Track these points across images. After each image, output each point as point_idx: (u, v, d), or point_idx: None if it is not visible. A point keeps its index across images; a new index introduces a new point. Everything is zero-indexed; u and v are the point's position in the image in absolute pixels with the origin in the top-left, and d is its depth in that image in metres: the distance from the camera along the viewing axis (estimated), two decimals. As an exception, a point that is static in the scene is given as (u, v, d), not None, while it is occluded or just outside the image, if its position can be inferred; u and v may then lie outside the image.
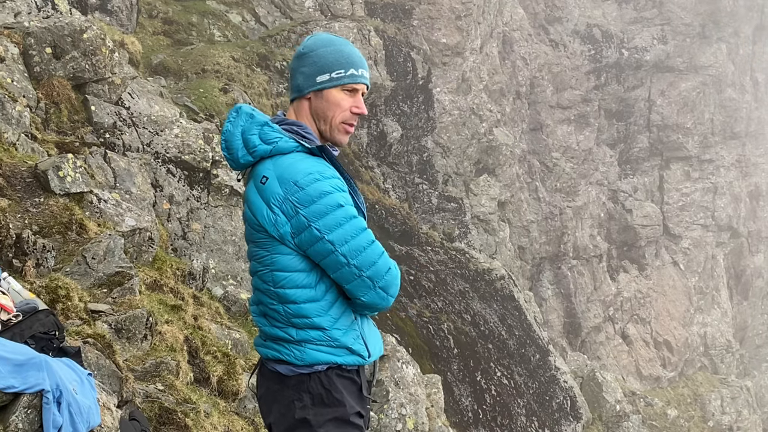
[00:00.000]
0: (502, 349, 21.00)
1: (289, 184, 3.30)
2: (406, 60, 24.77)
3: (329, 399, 3.40)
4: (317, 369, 3.41)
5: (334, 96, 3.48)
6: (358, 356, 3.46)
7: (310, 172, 3.31)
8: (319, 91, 3.49)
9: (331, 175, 3.34)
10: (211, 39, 22.02)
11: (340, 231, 3.29)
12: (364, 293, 3.36)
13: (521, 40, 30.46)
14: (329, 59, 3.48)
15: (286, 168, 3.34)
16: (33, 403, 4.17)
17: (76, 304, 6.87)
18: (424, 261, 21.72)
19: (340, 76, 3.46)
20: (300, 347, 3.42)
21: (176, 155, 14.05)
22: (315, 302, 3.40)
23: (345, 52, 3.50)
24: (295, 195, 3.29)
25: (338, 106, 3.49)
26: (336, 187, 3.32)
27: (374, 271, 3.34)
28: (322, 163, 3.38)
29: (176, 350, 7.89)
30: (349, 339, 3.44)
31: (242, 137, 3.48)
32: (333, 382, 3.41)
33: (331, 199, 3.28)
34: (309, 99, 3.53)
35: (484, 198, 26.88)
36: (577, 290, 30.00)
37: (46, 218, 8.16)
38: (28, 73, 12.13)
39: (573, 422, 21.62)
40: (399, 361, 13.39)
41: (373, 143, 24.42)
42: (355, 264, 3.31)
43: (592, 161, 32.31)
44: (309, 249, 3.34)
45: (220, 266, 13.63)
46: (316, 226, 3.28)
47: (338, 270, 3.34)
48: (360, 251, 3.31)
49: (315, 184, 3.28)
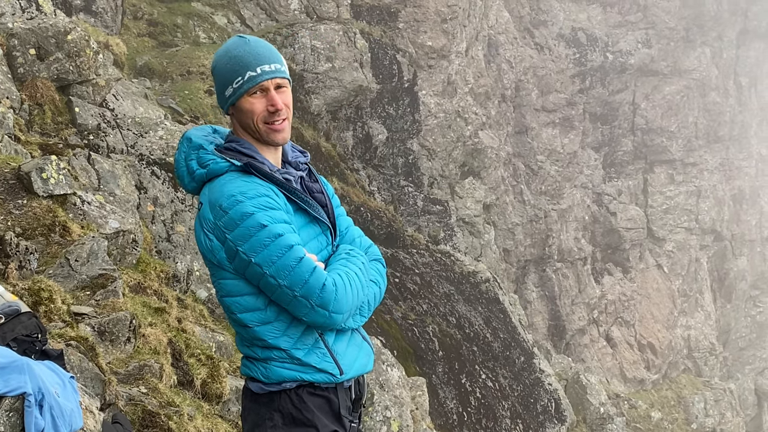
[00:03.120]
0: (487, 351, 21.02)
1: (216, 208, 3.25)
2: (391, 62, 24.78)
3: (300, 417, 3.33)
4: (286, 387, 3.35)
5: (245, 105, 3.40)
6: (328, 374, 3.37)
7: (232, 194, 3.23)
8: (234, 104, 3.42)
9: (255, 194, 3.24)
10: (196, 41, 21.97)
11: (265, 252, 3.19)
12: (303, 313, 3.25)
13: (507, 44, 30.52)
14: (227, 70, 3.39)
15: (215, 192, 3.29)
16: (15, 406, 4.14)
17: (59, 307, 6.84)
18: (409, 263, 21.73)
19: (240, 83, 3.37)
20: (266, 365, 3.36)
21: (161, 157, 14.01)
22: (268, 324, 3.32)
23: (239, 57, 3.38)
24: (222, 219, 3.23)
25: (252, 112, 3.39)
26: (259, 206, 3.21)
27: (306, 289, 3.20)
28: (250, 182, 3.28)
29: (160, 353, 7.86)
30: (313, 358, 3.35)
31: (185, 164, 3.44)
32: (303, 401, 3.34)
33: (253, 221, 3.18)
34: (232, 114, 3.47)
35: (469, 200, 26.92)
36: (561, 293, 30.07)
37: (29, 220, 8.12)
38: (11, 74, 12.07)
39: (557, 425, 21.67)
40: (384, 364, 13.39)
41: (358, 145, 24.42)
42: (286, 284, 3.21)
43: (576, 164, 32.40)
44: (245, 273, 3.26)
45: (204, 269, 13.58)
46: (242, 249, 3.20)
47: (274, 292, 3.25)
48: (288, 271, 3.19)
49: (237, 206, 3.21)
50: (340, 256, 3.47)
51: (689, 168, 35.26)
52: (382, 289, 3.61)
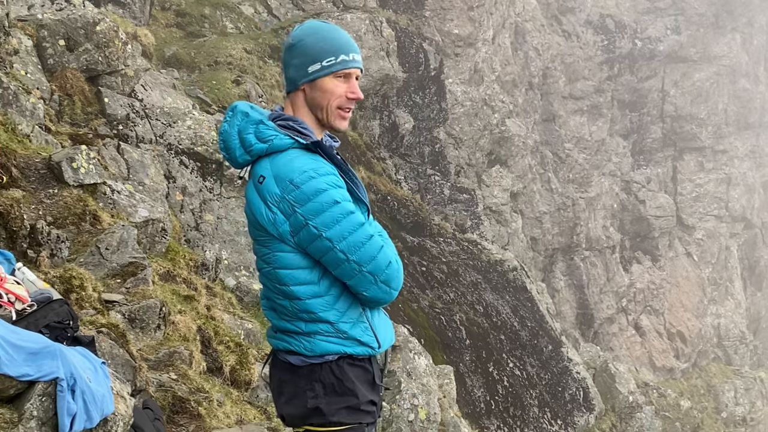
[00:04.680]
0: (515, 340, 21.00)
1: (285, 182, 3.30)
2: (418, 51, 24.73)
3: (341, 388, 3.43)
4: (328, 359, 3.43)
5: (327, 84, 3.46)
6: (368, 347, 3.48)
7: (305, 170, 3.30)
8: (313, 81, 3.48)
9: (326, 171, 3.34)
10: (223, 31, 22.05)
11: (337, 228, 3.29)
12: (366, 288, 3.37)
13: (534, 31, 30.35)
14: (318, 48, 3.45)
15: (282, 166, 3.34)
16: (47, 391, 4.21)
17: (90, 294, 6.93)
18: (436, 252, 21.73)
19: (330, 63, 3.44)
20: (310, 338, 3.44)
21: (189, 147, 14.11)
22: (319, 297, 3.42)
23: (333, 39, 3.47)
24: (292, 194, 3.29)
25: (332, 93, 3.47)
26: (331, 184, 3.31)
27: (374, 265, 3.33)
28: (317, 160, 3.38)
29: (189, 340, 7.95)
30: (357, 331, 3.46)
31: (239, 136, 3.47)
32: (344, 372, 3.44)
33: (327, 196, 3.28)
34: (303, 90, 3.52)
35: (496, 189, 26.85)
36: (589, 281, 29.94)
37: (60, 209, 8.22)
38: (41, 65, 12.20)
39: (586, 413, 21.61)
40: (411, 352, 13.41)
41: (385, 135, 24.42)
42: (355, 260, 3.31)
43: (605, 152, 32.20)
44: (308, 246, 3.34)
45: (233, 257, 13.69)
46: (313, 223, 3.28)
47: (339, 266, 3.34)
48: (358, 247, 3.31)
49: (310, 182, 3.28)
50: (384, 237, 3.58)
51: (719, 155, 34.94)
52: None
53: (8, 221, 7.12)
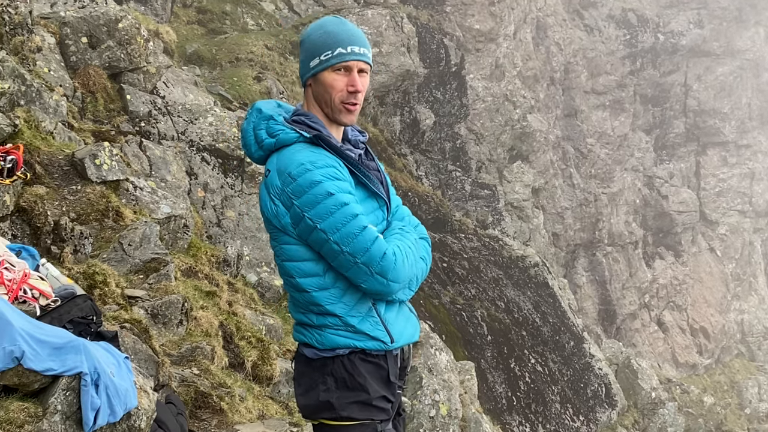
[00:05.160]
0: (536, 336, 20.94)
1: (285, 175, 3.36)
2: (439, 47, 24.69)
3: (352, 383, 3.44)
4: (339, 353, 3.45)
5: (327, 78, 3.49)
6: (380, 342, 3.48)
7: (302, 162, 3.34)
8: (315, 76, 3.52)
9: (324, 164, 3.36)
10: (244, 28, 22.11)
11: (330, 219, 3.30)
12: (363, 280, 3.37)
13: (555, 26, 30.22)
14: (318, 43, 3.49)
15: (284, 160, 3.40)
16: (71, 386, 4.23)
17: (113, 290, 6.97)
18: (457, 248, 21.70)
19: (327, 57, 3.47)
20: (320, 331, 3.47)
21: (210, 143, 14.16)
22: (326, 290, 3.44)
23: (333, 33, 3.50)
24: (290, 186, 3.34)
25: (333, 87, 3.49)
26: (327, 176, 3.33)
27: (368, 257, 3.33)
28: (318, 153, 3.40)
29: (211, 335, 7.98)
30: (366, 326, 3.46)
31: (253, 133, 3.56)
32: (356, 366, 3.45)
33: (321, 188, 3.30)
34: (310, 86, 3.57)
35: (517, 185, 26.77)
36: (612, 277, 29.81)
37: (83, 205, 8.27)
38: (64, 62, 12.28)
39: (608, 409, 21.52)
40: (432, 348, 13.40)
41: (406, 130, 24.40)
42: (348, 251, 3.32)
43: (627, 147, 32.03)
44: (308, 238, 3.38)
45: (254, 253, 13.73)
46: (309, 215, 3.32)
47: (335, 258, 3.36)
48: (351, 238, 3.31)
49: (306, 174, 3.32)
50: (394, 231, 3.59)
51: (743, 150, 34.67)
52: (428, 266, 3.72)
53: (32, 217, 7.18)
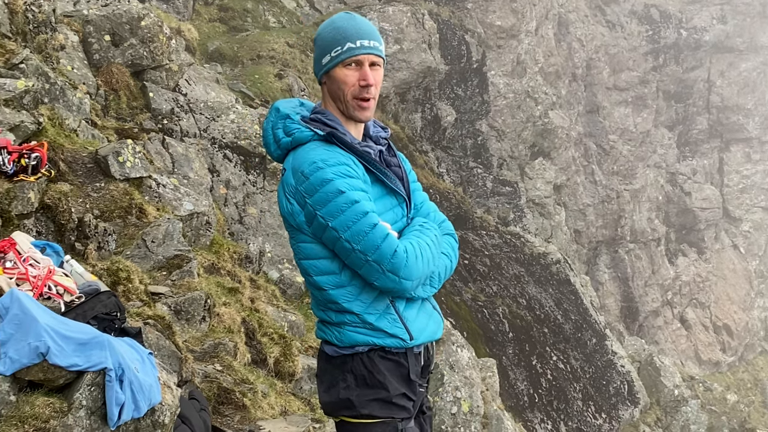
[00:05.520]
0: (558, 333, 20.87)
1: (298, 174, 3.36)
2: (460, 43, 24.64)
3: (372, 380, 3.42)
4: (358, 350, 3.44)
5: (338, 74, 3.48)
6: (399, 339, 3.45)
7: (314, 160, 3.33)
8: (328, 72, 3.51)
9: (336, 162, 3.34)
10: (266, 25, 22.16)
11: (341, 217, 3.29)
12: (375, 278, 3.35)
13: (577, 22, 30.08)
14: (329, 39, 3.49)
15: (298, 159, 3.40)
16: (96, 381, 4.27)
17: (137, 286, 7.01)
18: (478, 245, 21.67)
19: (338, 53, 3.46)
20: (339, 329, 3.46)
21: (232, 141, 14.21)
22: (342, 288, 3.43)
23: (342, 28, 3.49)
24: (303, 185, 3.34)
25: (344, 83, 3.48)
26: (339, 174, 3.32)
27: (378, 254, 3.30)
28: (331, 151, 3.39)
29: (234, 332, 8.02)
30: (384, 323, 3.44)
31: (272, 132, 3.56)
32: (375, 364, 3.43)
33: (332, 186, 3.29)
34: (325, 83, 3.57)
35: (539, 181, 26.68)
36: (634, 274, 29.66)
37: (106, 202, 8.33)
38: (87, 60, 12.36)
39: (630, 407, 21.43)
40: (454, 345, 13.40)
41: (427, 127, 24.38)
42: (359, 249, 3.30)
43: (650, 143, 31.84)
44: (322, 237, 3.38)
45: (276, 250, 13.77)
46: (321, 214, 3.31)
47: (348, 256, 3.35)
48: (362, 236, 3.29)
49: (317, 172, 3.31)
50: (414, 227, 3.56)
51: (766, 146, 34.38)
52: (453, 262, 3.70)
53: (56, 214, 7.24)
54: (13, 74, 8.61)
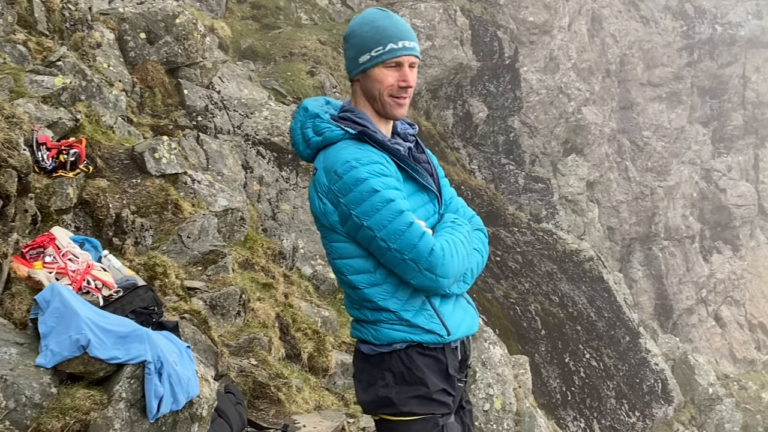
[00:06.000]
0: (591, 330, 20.76)
1: (331, 173, 3.33)
2: (492, 39, 24.56)
3: (410, 377, 3.40)
4: (396, 347, 3.41)
5: (377, 74, 3.45)
6: (436, 335, 3.43)
7: (347, 160, 3.30)
8: (365, 71, 3.47)
9: (369, 160, 3.32)
10: (298, 22, 22.23)
11: (377, 216, 3.27)
12: (411, 276, 3.33)
13: (611, 17, 29.86)
14: (367, 38, 3.44)
15: (330, 158, 3.37)
16: (136, 374, 4.31)
17: (173, 281, 7.07)
18: (510, 242, 21.59)
19: (379, 53, 3.42)
20: (376, 327, 3.44)
21: (266, 137, 14.28)
22: (378, 286, 3.41)
23: (382, 27, 3.45)
24: (336, 184, 3.31)
25: (383, 83, 3.44)
26: (373, 173, 3.29)
27: (415, 253, 3.27)
28: (364, 149, 3.36)
29: (268, 327, 8.06)
30: (420, 319, 3.42)
31: (301, 131, 3.54)
32: (413, 361, 3.41)
33: (367, 186, 3.26)
34: (358, 81, 3.52)
35: (572, 178, 26.53)
36: (668, 272, 29.41)
37: (143, 198, 8.41)
38: (123, 57, 12.48)
39: (664, 405, 21.27)
40: (486, 342, 13.38)
41: (458, 124, 24.33)
42: (396, 248, 3.28)
43: (684, 140, 31.55)
44: (356, 236, 3.35)
45: (309, 246, 13.82)
46: (355, 213, 3.28)
47: (383, 255, 3.32)
48: (398, 235, 3.27)
49: (351, 172, 3.28)
50: (446, 224, 3.54)
51: (804, 142, 33.99)
52: (484, 257, 3.67)
53: (94, 210, 7.31)
54: (51, 72, 8.71)
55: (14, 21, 9.53)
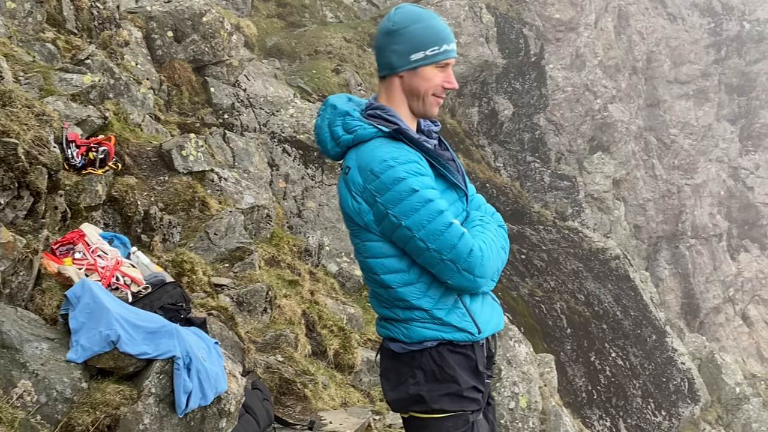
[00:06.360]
0: (617, 329, 20.66)
1: (366, 172, 3.30)
2: (518, 37, 24.48)
3: (442, 375, 3.40)
4: (427, 345, 3.40)
5: (428, 73, 3.44)
6: (467, 333, 3.42)
7: (384, 159, 3.27)
8: (415, 69, 3.44)
9: (406, 159, 3.29)
10: (323, 20, 22.27)
11: (415, 216, 3.24)
12: (449, 276, 3.32)
13: (637, 14, 29.68)
14: (423, 36, 3.42)
15: (364, 156, 3.34)
16: (165, 369, 4.34)
17: (201, 278, 7.12)
18: (535, 240, 21.53)
19: (435, 53, 3.41)
20: (407, 325, 3.43)
21: (291, 135, 14.33)
22: (411, 285, 3.39)
23: (436, 27, 3.44)
24: (372, 183, 3.28)
25: (431, 82, 3.44)
26: (411, 172, 3.27)
27: (455, 254, 3.26)
28: (400, 148, 3.33)
29: (294, 323, 8.09)
30: (453, 318, 3.41)
31: (329, 129, 3.50)
32: (444, 358, 3.40)
33: (405, 185, 3.24)
34: (401, 77, 3.48)
35: (598, 176, 26.40)
36: (695, 270, 29.20)
37: (170, 195, 8.46)
38: (150, 56, 12.56)
39: (691, 404, 21.12)
40: (511, 340, 13.34)
41: (484, 121, 24.27)
42: (434, 248, 3.26)
43: (711, 137, 31.30)
44: (392, 235, 3.33)
45: (335, 243, 13.85)
46: (393, 213, 3.26)
47: (421, 255, 3.31)
48: (437, 235, 3.25)
49: (389, 171, 3.25)
50: (474, 222, 3.53)
51: (832, 140, 33.62)
52: (507, 255, 3.66)
53: (123, 207, 7.37)
54: (80, 70, 8.78)
55: (43, 19, 9.62)
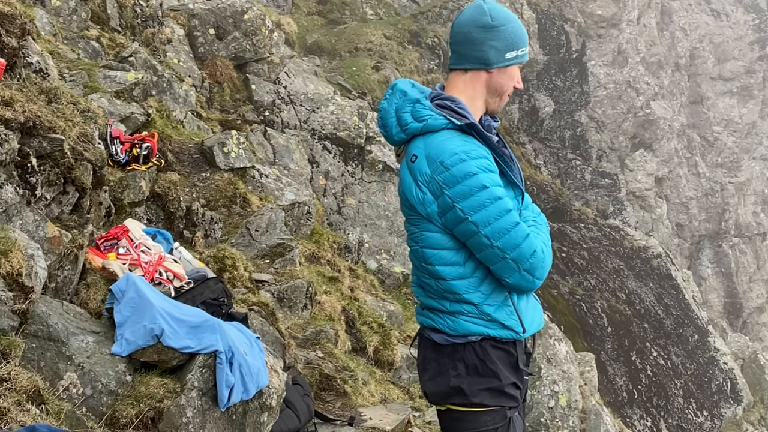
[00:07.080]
0: (659, 328, 20.45)
1: (436, 163, 3.28)
2: (559, 33, 24.31)
3: (483, 369, 3.39)
4: (471, 339, 3.40)
5: (513, 72, 3.49)
6: (512, 331, 3.42)
7: (456, 152, 3.26)
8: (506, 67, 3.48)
9: (478, 155, 3.28)
10: (363, 17, 22.29)
11: (483, 212, 3.24)
12: (508, 275, 3.32)
13: (681, 10, 29.34)
14: (516, 36, 3.47)
15: (434, 147, 3.32)
16: (207, 363, 4.37)
17: (242, 274, 7.17)
18: (576, 238, 21.38)
19: (523, 53, 3.48)
20: (454, 318, 3.42)
21: (332, 132, 14.36)
22: (464, 279, 3.39)
23: (522, 30, 3.53)
24: (441, 175, 3.27)
25: (512, 80, 3.51)
26: (482, 168, 3.26)
27: (518, 253, 3.27)
28: (470, 142, 3.33)
29: (334, 320, 8.12)
30: (501, 315, 3.41)
31: (396, 115, 3.48)
32: (487, 353, 3.40)
33: (476, 180, 3.23)
34: (490, 73, 3.49)
35: (640, 174, 26.15)
36: (738, 269, 28.82)
37: (212, 192, 8.54)
38: (192, 53, 12.67)
39: (733, 405, 20.86)
40: (551, 338, 13.26)
41: (524, 119, 24.15)
42: (498, 246, 3.26)
43: (755, 135, 30.86)
44: (454, 229, 3.32)
45: (374, 240, 13.87)
46: (460, 206, 3.25)
47: (482, 251, 3.30)
48: (503, 233, 3.25)
49: (460, 164, 3.24)
50: (529, 222, 3.51)
51: None
52: None
53: (166, 203, 7.44)
54: (123, 67, 8.89)
55: (88, 17, 9.75)
